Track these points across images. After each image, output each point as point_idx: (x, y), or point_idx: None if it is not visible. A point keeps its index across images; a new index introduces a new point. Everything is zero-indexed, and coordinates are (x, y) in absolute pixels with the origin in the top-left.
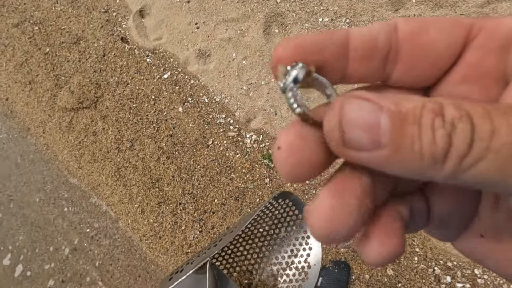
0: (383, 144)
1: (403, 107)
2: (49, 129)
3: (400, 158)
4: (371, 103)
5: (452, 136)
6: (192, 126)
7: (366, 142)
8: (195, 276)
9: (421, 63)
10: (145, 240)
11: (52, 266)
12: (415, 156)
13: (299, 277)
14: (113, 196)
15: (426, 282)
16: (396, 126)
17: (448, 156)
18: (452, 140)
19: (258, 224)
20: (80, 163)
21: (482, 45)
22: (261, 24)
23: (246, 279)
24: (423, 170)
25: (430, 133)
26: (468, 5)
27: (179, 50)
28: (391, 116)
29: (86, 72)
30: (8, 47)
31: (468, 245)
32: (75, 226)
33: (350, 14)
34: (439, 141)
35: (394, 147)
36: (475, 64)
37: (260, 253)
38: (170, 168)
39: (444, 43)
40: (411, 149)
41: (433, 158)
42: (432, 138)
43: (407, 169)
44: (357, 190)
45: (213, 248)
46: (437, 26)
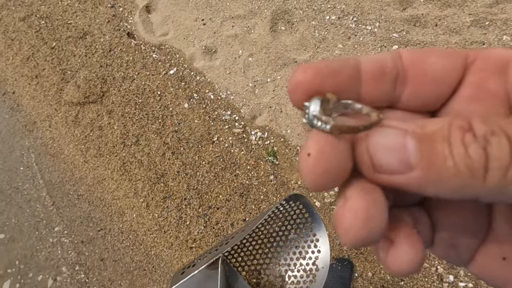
0: (413, 164)
1: (429, 128)
2: (55, 123)
3: (435, 177)
4: (395, 129)
5: (488, 148)
6: (197, 122)
7: (396, 164)
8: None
9: (428, 85)
10: (149, 235)
11: (57, 260)
12: (451, 172)
13: (306, 279)
14: (118, 191)
15: (429, 281)
16: (424, 145)
17: (488, 168)
18: (489, 152)
19: (268, 224)
20: (86, 157)
21: (482, 68)
22: (267, 21)
23: (254, 278)
24: (464, 186)
25: (462, 148)
26: (476, 5)
27: (185, 46)
28: (418, 137)
29: (92, 67)
30: (15, 41)
31: (487, 268)
32: (81, 220)
33: (357, 12)
34: (474, 155)
35: (426, 166)
36: (479, 84)
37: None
38: (175, 163)
39: (446, 67)
40: (444, 165)
41: (470, 171)
42: (465, 153)
43: (447, 187)
44: (380, 191)
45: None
46: (437, 54)
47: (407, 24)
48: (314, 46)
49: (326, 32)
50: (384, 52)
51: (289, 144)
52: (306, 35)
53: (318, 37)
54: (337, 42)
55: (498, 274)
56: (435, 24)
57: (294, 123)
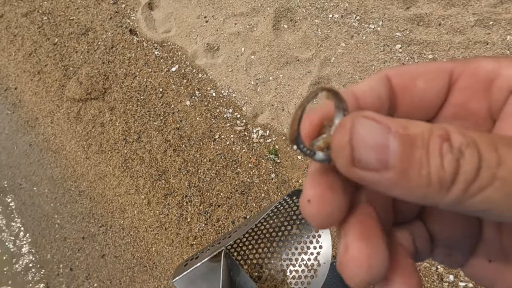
0: (390, 165)
1: (411, 131)
2: (57, 119)
3: (407, 182)
4: (380, 124)
5: (461, 161)
6: (199, 119)
7: (375, 162)
8: (209, 264)
9: (416, 110)
10: (150, 231)
11: (59, 256)
12: (422, 181)
13: (308, 274)
14: (119, 187)
15: (429, 280)
16: (405, 149)
17: (455, 181)
18: (460, 166)
19: (271, 219)
20: (88, 153)
21: (465, 87)
22: (270, 19)
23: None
24: (429, 195)
25: (438, 158)
26: (480, 4)
27: (188, 43)
28: (400, 139)
29: (95, 63)
30: (17, 36)
31: (477, 270)
32: (83, 216)
33: (360, 11)
34: (447, 166)
35: (402, 170)
36: (461, 104)
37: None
38: (176, 160)
39: (432, 91)
40: (419, 173)
41: (440, 183)
42: (440, 163)
43: (413, 193)
44: (377, 228)
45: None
46: (423, 77)
47: (411, 23)
48: (317, 45)
49: (329, 31)
50: (373, 77)
51: None
52: (309, 34)
53: (321, 35)
54: (340, 40)
55: (485, 275)
56: (439, 23)
57: None
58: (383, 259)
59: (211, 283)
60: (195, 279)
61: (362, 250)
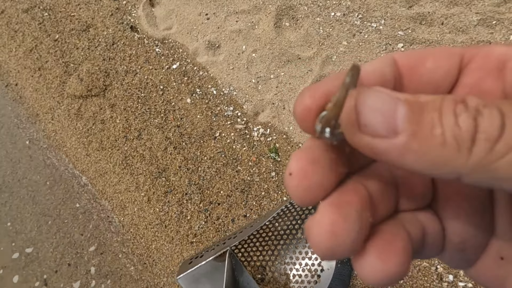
0: (400, 129)
1: (422, 98)
2: (58, 116)
3: (419, 146)
4: (387, 94)
5: (478, 119)
6: (199, 117)
7: (382, 126)
8: (214, 263)
9: (424, 91)
10: (150, 229)
11: (61, 250)
12: (436, 141)
13: (311, 279)
14: (120, 184)
15: (428, 280)
16: (415, 113)
17: (476, 139)
18: (478, 123)
19: (276, 222)
20: (88, 150)
21: (478, 67)
22: (272, 16)
23: (259, 274)
24: (447, 160)
25: (452, 117)
26: (484, 4)
27: (189, 40)
28: (409, 105)
29: (95, 60)
30: (18, 32)
31: (487, 270)
32: (83, 211)
33: (363, 9)
34: (463, 124)
35: (412, 132)
36: (474, 85)
37: (275, 251)
38: (177, 158)
39: (442, 71)
40: (431, 133)
41: (457, 141)
42: (455, 121)
43: (428, 159)
44: (356, 203)
45: (233, 239)
46: (432, 58)
47: (413, 22)
48: (319, 43)
49: (331, 29)
50: (379, 58)
51: (292, 141)
52: (310, 32)
53: (322, 33)
54: (342, 39)
55: (496, 274)
56: (441, 22)
57: None
58: (351, 229)
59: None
60: (199, 277)
61: (327, 215)
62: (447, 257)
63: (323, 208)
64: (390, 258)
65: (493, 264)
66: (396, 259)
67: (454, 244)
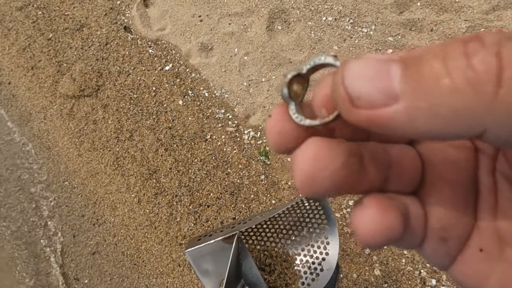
0: (398, 92)
1: (417, 51)
2: (50, 115)
3: (426, 104)
4: (378, 57)
5: (503, 53)
6: (191, 119)
7: (377, 94)
8: (221, 243)
9: None
10: (140, 230)
11: (52, 249)
12: (446, 91)
13: (309, 276)
14: (111, 185)
15: (412, 284)
16: (411, 67)
17: (503, 77)
18: (503, 57)
19: (285, 216)
20: (80, 150)
21: None
22: (264, 20)
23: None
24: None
25: (463, 59)
26: (473, 11)
27: (182, 42)
28: (404, 61)
29: (89, 60)
30: (12, 30)
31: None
32: (73, 211)
33: (354, 14)
34: (481, 64)
35: (413, 91)
36: None
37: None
38: (168, 160)
39: None
40: (437, 85)
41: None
42: (467, 64)
43: (443, 116)
44: (344, 145)
45: (243, 224)
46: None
47: (403, 28)
48: (310, 47)
49: (322, 33)
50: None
51: None
52: (302, 36)
53: (314, 38)
54: (333, 43)
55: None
56: (431, 29)
57: None
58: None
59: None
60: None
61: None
62: (429, 249)
63: (311, 139)
64: (389, 211)
65: (474, 258)
66: (395, 214)
67: (435, 232)
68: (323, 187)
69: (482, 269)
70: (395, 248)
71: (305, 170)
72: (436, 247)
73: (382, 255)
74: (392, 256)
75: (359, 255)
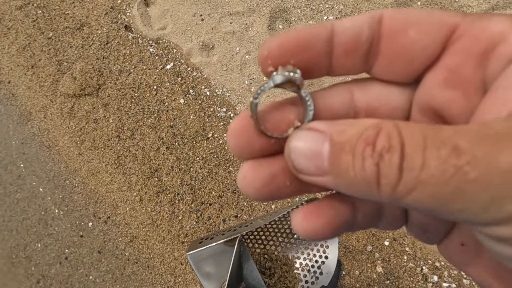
0: (327, 170)
1: (345, 135)
2: (51, 114)
3: (343, 182)
4: (318, 133)
5: (380, 164)
6: (192, 118)
7: (313, 169)
8: (223, 246)
9: (398, 61)
10: (142, 228)
11: (56, 248)
12: (353, 181)
13: (309, 279)
14: (112, 184)
15: (414, 281)
16: (335, 155)
17: (380, 183)
18: (380, 168)
19: (285, 220)
20: (81, 149)
21: (463, 49)
22: (266, 19)
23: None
24: (367, 193)
25: (361, 161)
26: (472, 11)
27: (183, 41)
28: (332, 146)
29: (89, 59)
30: (11, 29)
31: (450, 251)
32: (75, 208)
33: (355, 13)
34: (367, 168)
35: (335, 173)
36: (454, 69)
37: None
38: (169, 158)
39: (422, 44)
40: (348, 174)
41: (366, 183)
42: (362, 166)
43: (356, 191)
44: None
45: (244, 227)
46: (419, 27)
47: None
48: None
49: None
50: (365, 14)
51: None
52: None
53: None
54: None
55: (458, 258)
56: None
57: None
58: (257, 179)
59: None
60: (206, 256)
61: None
62: (413, 232)
63: (247, 162)
64: (314, 220)
65: (456, 250)
66: (319, 222)
67: (415, 225)
68: (253, 196)
69: (463, 258)
70: (397, 245)
71: (239, 184)
72: (418, 234)
73: (384, 252)
74: (394, 253)
75: (361, 252)
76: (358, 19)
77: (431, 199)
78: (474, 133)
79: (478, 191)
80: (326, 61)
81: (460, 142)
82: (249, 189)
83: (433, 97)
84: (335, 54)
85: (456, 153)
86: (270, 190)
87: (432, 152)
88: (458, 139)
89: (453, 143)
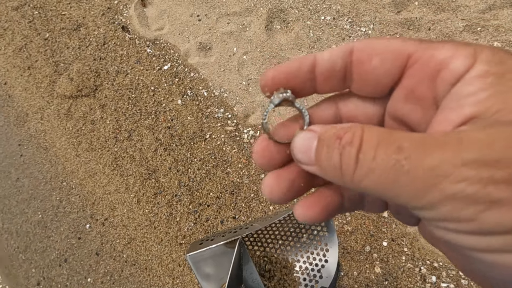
0: (313, 161)
1: (327, 134)
2: (47, 116)
3: (322, 170)
4: (312, 133)
5: (342, 155)
6: (190, 119)
7: (306, 160)
8: (223, 248)
9: (367, 83)
10: (140, 230)
11: (57, 253)
12: (327, 168)
13: (308, 283)
14: (109, 185)
15: (412, 281)
16: (319, 149)
17: (343, 169)
18: (342, 158)
19: (285, 222)
20: (78, 151)
21: (416, 74)
22: (263, 19)
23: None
24: (338, 178)
25: (331, 152)
26: (470, 11)
27: (180, 41)
28: (318, 142)
29: (86, 59)
30: (7, 30)
31: (425, 231)
32: (73, 210)
33: (352, 13)
34: (334, 157)
35: (317, 163)
36: (411, 89)
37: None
38: (167, 160)
39: (383, 70)
40: (324, 163)
41: (334, 169)
42: (331, 155)
43: (331, 177)
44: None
45: (245, 229)
46: (380, 56)
47: (401, 27)
48: (309, 46)
49: (321, 33)
50: (340, 47)
51: None
52: (301, 35)
53: (312, 37)
54: (331, 42)
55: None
56: (428, 28)
57: None
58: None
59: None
60: (206, 258)
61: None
62: (392, 214)
63: (269, 173)
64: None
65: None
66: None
67: (391, 208)
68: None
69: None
70: (395, 246)
71: (265, 194)
72: (394, 216)
73: (382, 252)
74: (392, 254)
75: (359, 253)
76: (334, 52)
77: (378, 185)
78: (417, 139)
79: (409, 181)
80: (310, 85)
81: (404, 143)
82: (275, 197)
83: (398, 109)
84: (317, 80)
85: (399, 151)
86: (291, 194)
87: (382, 148)
88: (403, 141)
89: (398, 143)
